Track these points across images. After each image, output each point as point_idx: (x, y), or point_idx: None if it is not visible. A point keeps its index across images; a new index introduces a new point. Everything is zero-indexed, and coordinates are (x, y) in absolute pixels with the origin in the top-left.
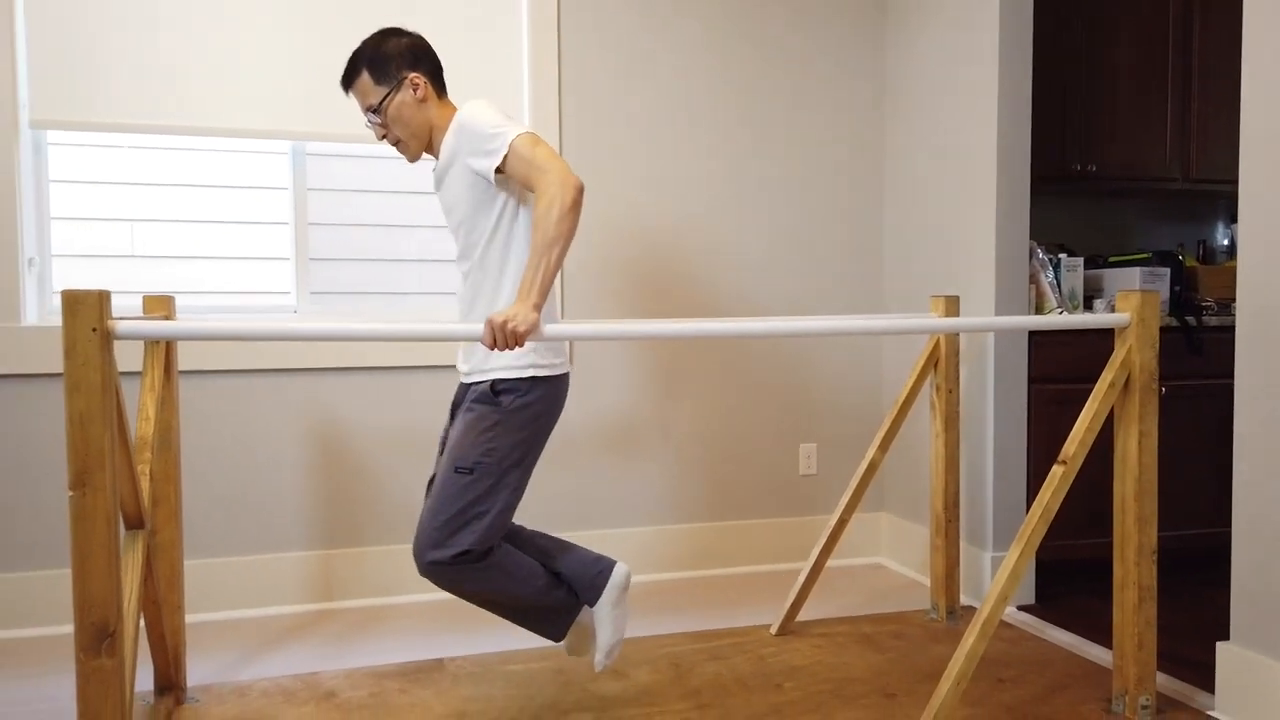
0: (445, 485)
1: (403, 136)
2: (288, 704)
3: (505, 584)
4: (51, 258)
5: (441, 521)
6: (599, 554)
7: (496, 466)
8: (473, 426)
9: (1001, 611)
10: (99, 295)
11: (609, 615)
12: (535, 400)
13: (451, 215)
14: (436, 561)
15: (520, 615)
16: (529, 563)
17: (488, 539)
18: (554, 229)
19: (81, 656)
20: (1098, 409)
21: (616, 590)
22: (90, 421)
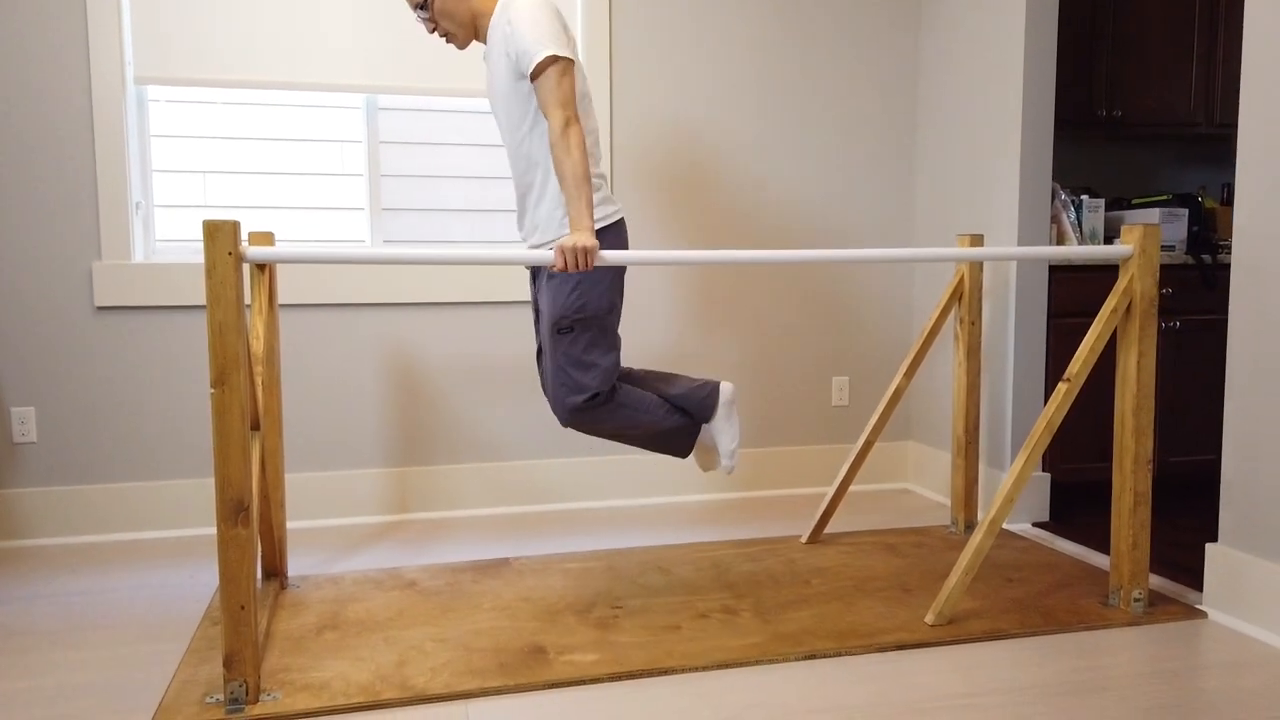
0: (555, 347)
1: (450, 29)
2: (376, 590)
3: (634, 416)
4: (154, 206)
5: (565, 377)
6: (704, 378)
7: (592, 319)
8: (559, 291)
9: (1008, 512)
10: (233, 224)
11: (725, 426)
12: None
13: (495, 101)
14: (573, 408)
15: (651, 441)
16: (649, 396)
17: (607, 379)
18: (579, 168)
19: (222, 527)
20: (1101, 332)
21: (726, 405)
22: (227, 330)
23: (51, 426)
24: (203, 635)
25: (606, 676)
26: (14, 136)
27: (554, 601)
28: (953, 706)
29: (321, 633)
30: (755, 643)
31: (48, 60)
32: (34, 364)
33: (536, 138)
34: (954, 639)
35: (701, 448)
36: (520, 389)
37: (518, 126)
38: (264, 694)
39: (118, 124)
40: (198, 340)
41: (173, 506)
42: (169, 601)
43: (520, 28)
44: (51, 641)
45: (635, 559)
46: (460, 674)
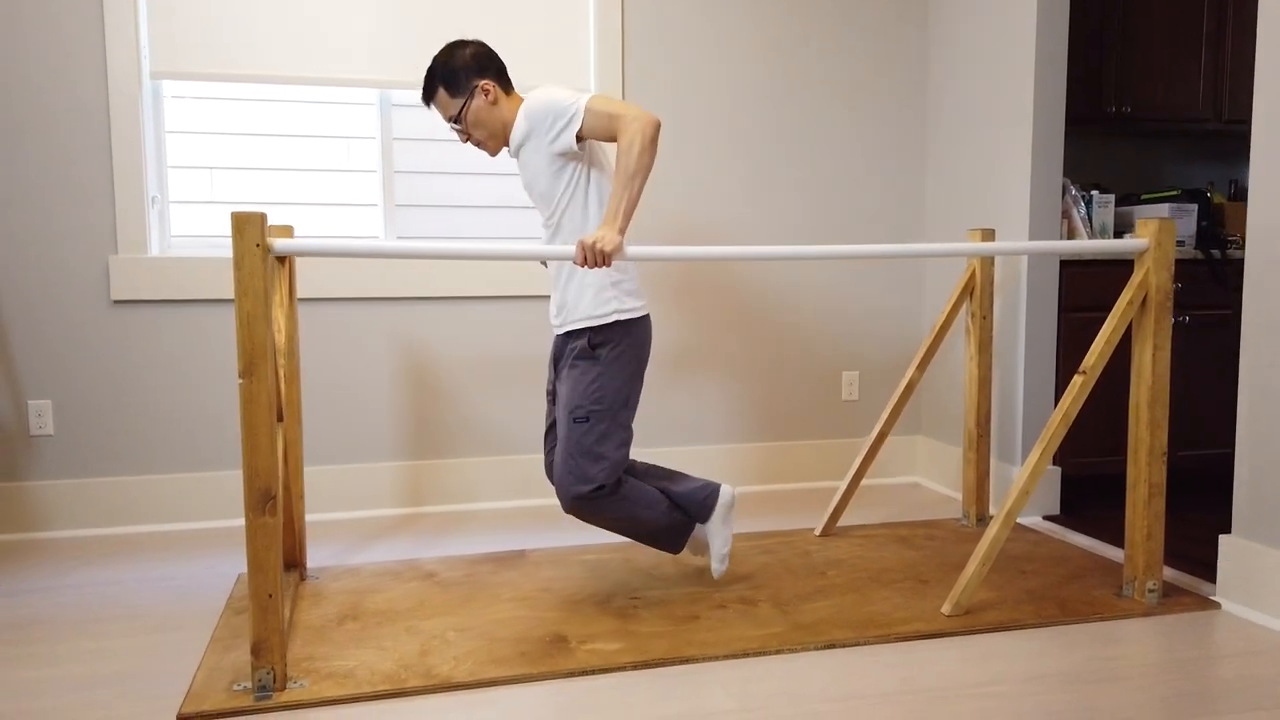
0: (568, 434)
1: (481, 138)
2: (395, 581)
3: (635, 510)
4: (169, 202)
5: (573, 465)
6: (705, 480)
7: (608, 411)
8: (579, 380)
9: (1024, 504)
10: (261, 217)
11: (719, 529)
12: (627, 346)
13: (533, 190)
14: (579, 496)
15: (647, 536)
16: (652, 491)
17: (615, 471)
18: (635, 163)
19: (250, 516)
20: (1116, 325)
21: (724, 509)
22: (255, 321)
23: (68, 419)
24: (225, 624)
25: (630, 665)
26: (31, 131)
27: (573, 592)
28: (974, 694)
29: (343, 623)
30: (775, 632)
31: (65, 55)
32: (51, 357)
33: (570, 216)
34: (971, 629)
35: (694, 542)
36: (533, 383)
37: (554, 206)
38: (291, 682)
39: (134, 118)
40: (213, 334)
41: (188, 499)
42: (189, 592)
43: (543, 111)
44: (76, 630)
45: (650, 551)
46: (484, 663)
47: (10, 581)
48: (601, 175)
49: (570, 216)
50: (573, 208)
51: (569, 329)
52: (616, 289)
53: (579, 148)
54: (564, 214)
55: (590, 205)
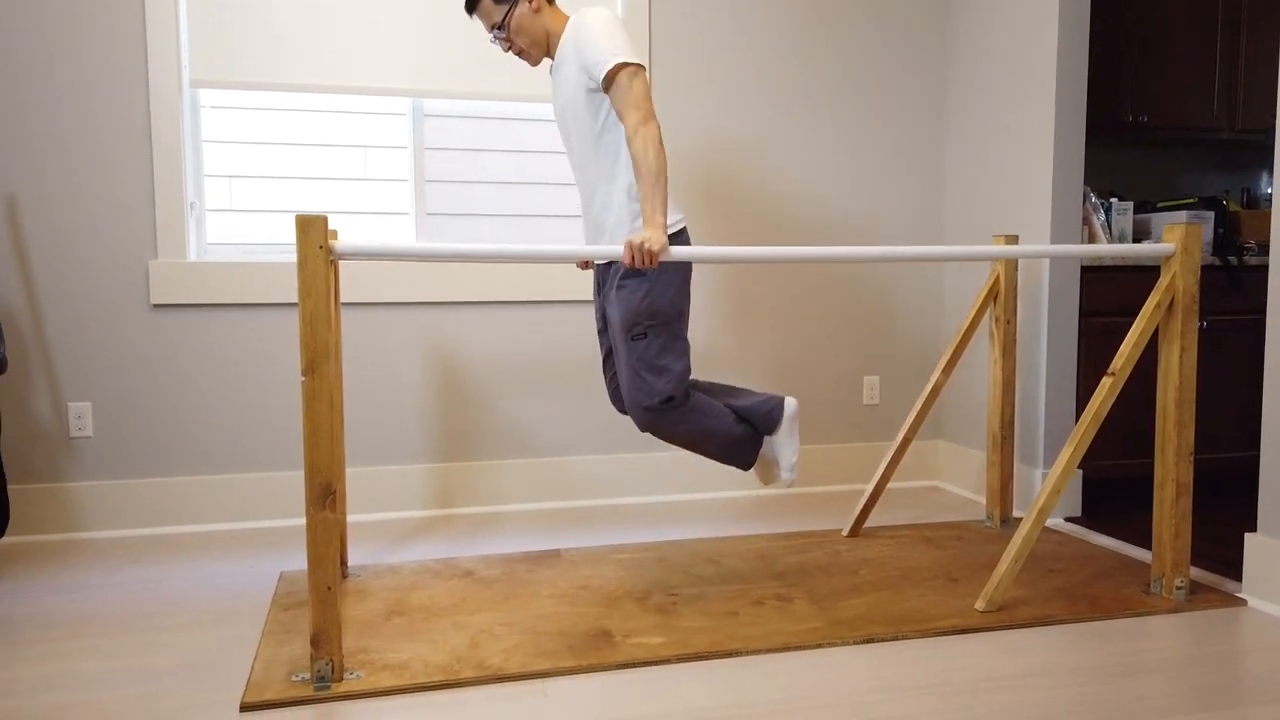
0: (629, 353)
1: (524, 46)
2: (435, 579)
3: (705, 422)
4: (205, 208)
5: (639, 381)
6: (768, 393)
7: (663, 324)
8: (629, 299)
9: (1055, 503)
10: (323, 219)
11: (786, 440)
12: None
13: (564, 115)
14: (649, 409)
15: (718, 449)
16: (718, 404)
17: (681, 382)
18: (655, 165)
19: (310, 510)
20: (1144, 327)
21: (789, 419)
22: (318, 321)
23: (107, 421)
24: (275, 620)
25: (675, 658)
26: (74, 137)
27: (611, 589)
28: (1013, 686)
29: (390, 618)
30: (814, 627)
31: (107, 64)
32: (91, 360)
33: (603, 148)
34: (1005, 624)
35: (763, 460)
36: (563, 386)
37: (585, 138)
38: (346, 673)
39: (174, 126)
40: (250, 337)
41: (225, 500)
42: (234, 589)
43: (591, 40)
44: (128, 626)
45: (685, 550)
46: (533, 655)
47: (57, 579)
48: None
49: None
50: (603, 144)
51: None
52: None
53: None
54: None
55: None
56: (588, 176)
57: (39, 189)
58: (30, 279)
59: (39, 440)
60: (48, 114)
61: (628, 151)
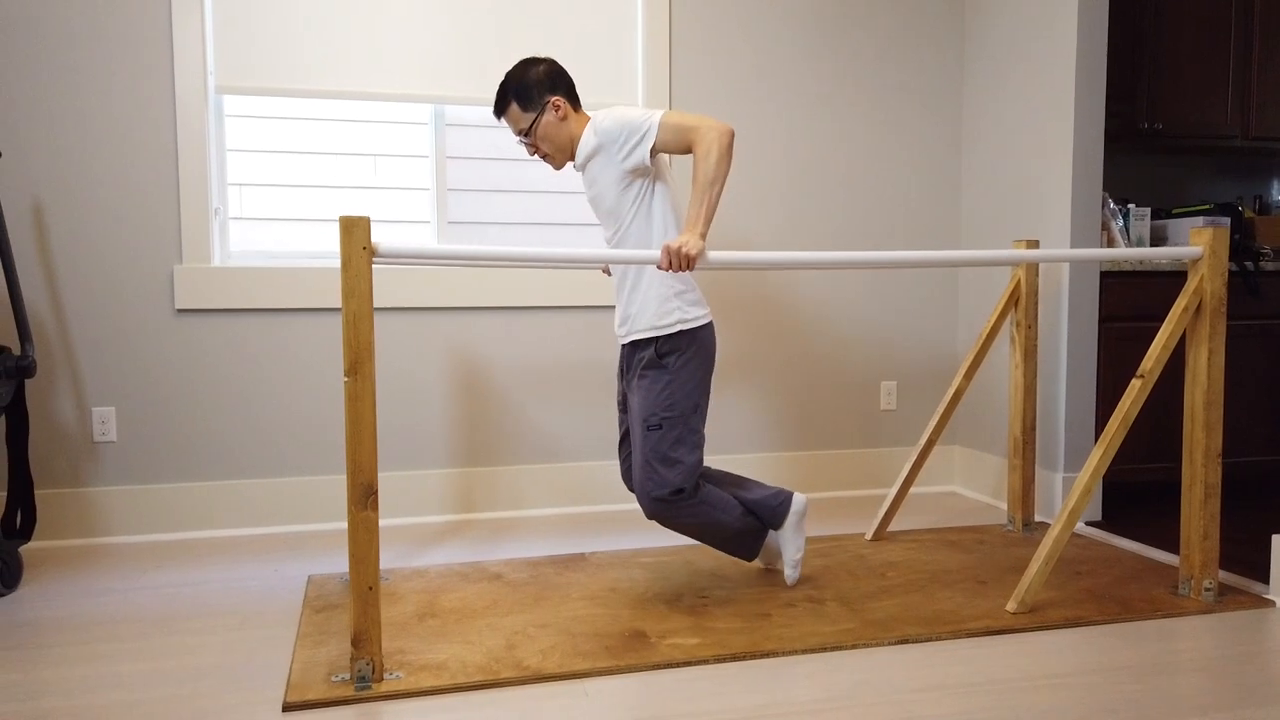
0: (644, 443)
1: (549, 151)
2: (464, 582)
3: (712, 515)
4: (228, 213)
5: (651, 471)
6: (778, 487)
7: (679, 417)
8: (649, 390)
9: (1085, 504)
10: (366, 220)
11: (791, 537)
12: (693, 354)
13: (599, 206)
14: (658, 499)
15: (724, 540)
16: (727, 496)
17: (691, 475)
18: (713, 170)
19: (352, 509)
20: (1173, 330)
21: (796, 516)
22: (361, 321)
23: (130, 426)
24: (309, 622)
25: (712, 658)
26: (99, 142)
27: (640, 592)
28: (1050, 685)
29: (423, 619)
30: (847, 628)
31: (133, 68)
32: (115, 365)
33: (635, 229)
34: (1038, 625)
35: (767, 550)
36: (583, 392)
37: (619, 220)
38: (387, 673)
39: (200, 131)
40: (274, 342)
41: (249, 505)
42: (262, 593)
43: (617, 129)
44: (162, 628)
45: (709, 554)
46: (570, 655)
47: (83, 583)
48: (666, 190)
49: (636, 229)
50: (638, 221)
51: (634, 339)
52: (680, 299)
53: (650, 163)
54: (629, 227)
55: (654, 219)
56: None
57: (64, 193)
58: (55, 283)
59: (62, 445)
60: (73, 118)
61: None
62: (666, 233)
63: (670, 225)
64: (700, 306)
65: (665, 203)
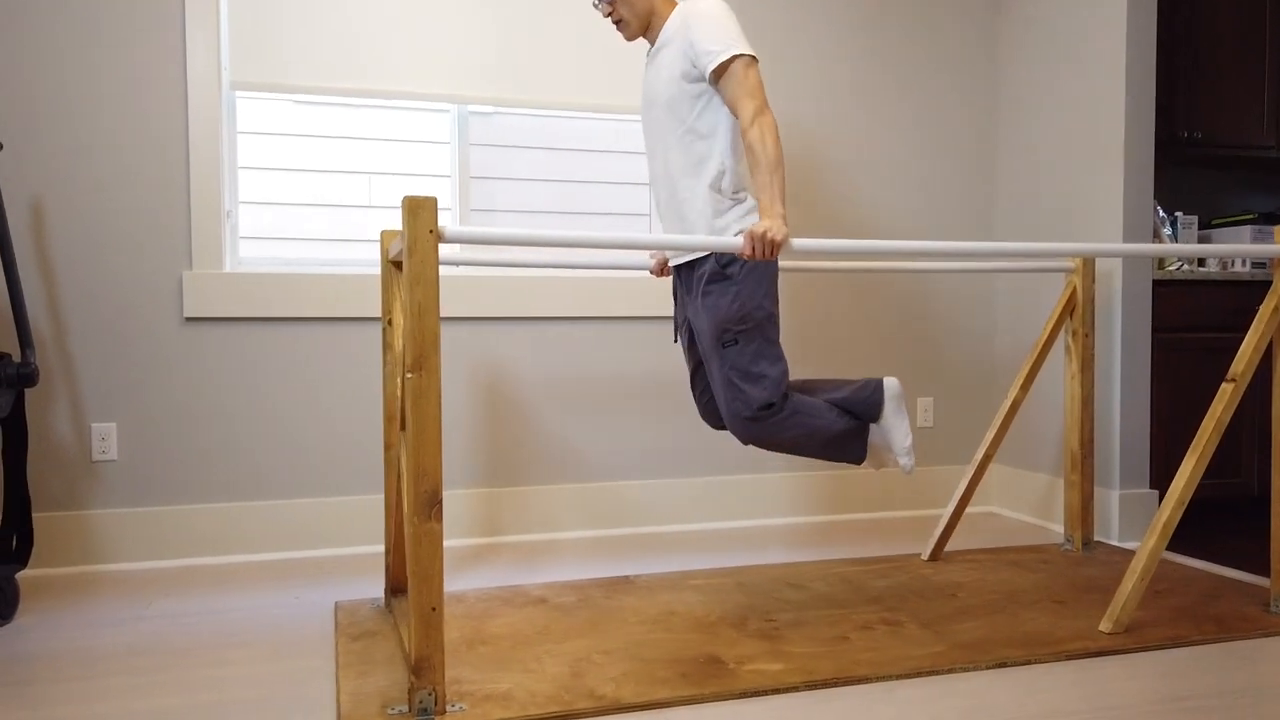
0: (721, 362)
1: (626, 15)
2: (506, 607)
3: (808, 423)
4: (239, 211)
5: (735, 391)
6: (862, 379)
7: (755, 327)
8: (717, 304)
9: (1179, 516)
10: (433, 200)
11: (895, 423)
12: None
13: (654, 101)
14: (750, 419)
15: (825, 449)
16: (817, 401)
17: (779, 387)
18: (773, 154)
19: (415, 520)
20: (1263, 331)
21: (893, 400)
22: (427, 312)
23: (133, 444)
24: (347, 650)
25: (803, 685)
26: (104, 139)
27: (702, 615)
28: (1168, 710)
29: (474, 646)
30: (938, 651)
31: (142, 60)
32: (117, 378)
33: (691, 141)
34: (1139, 646)
35: (874, 449)
36: (611, 409)
37: (674, 127)
38: (449, 705)
39: (213, 129)
40: (290, 354)
41: (261, 530)
42: (287, 621)
43: (705, 28)
44: (183, 660)
45: (763, 575)
46: (646, 683)
47: (87, 613)
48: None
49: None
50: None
51: (691, 258)
52: (736, 208)
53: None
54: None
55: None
56: (669, 169)
57: (65, 193)
58: (52, 288)
59: (58, 464)
60: (76, 113)
61: (716, 147)
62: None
63: (729, 154)
64: (754, 212)
65: (730, 128)
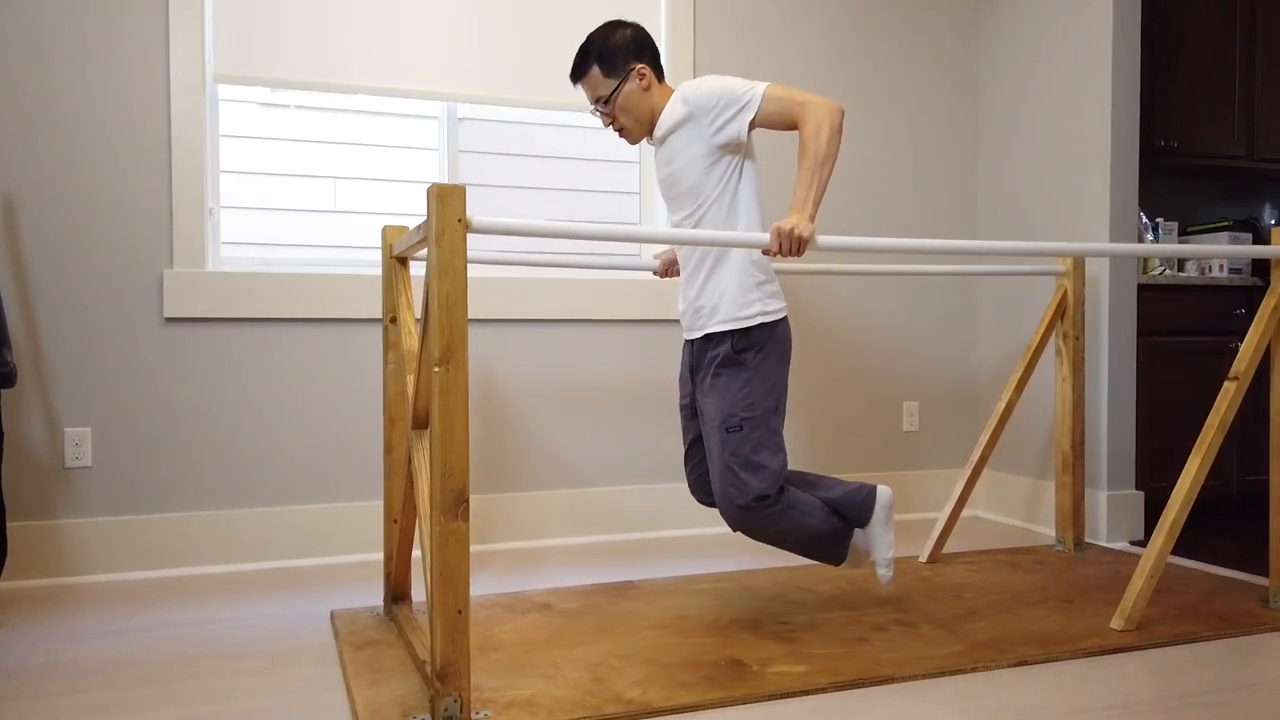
0: (723, 447)
1: (628, 124)
2: (510, 613)
3: (798, 519)
4: (221, 209)
5: (733, 478)
6: (858, 482)
7: (761, 417)
8: (726, 389)
9: (1186, 514)
10: (461, 189)
11: (880, 533)
12: (772, 349)
13: (676, 185)
14: (743, 508)
15: (809, 546)
16: (810, 498)
17: (776, 480)
18: (824, 149)
19: (440, 519)
20: (1263, 331)
21: (884, 510)
22: (455, 304)
23: (109, 450)
24: (352, 659)
25: (830, 685)
26: (82, 132)
27: (714, 619)
28: (1199, 704)
29: (485, 653)
30: (958, 651)
31: (125, 54)
32: (92, 380)
33: (714, 213)
34: (1152, 643)
35: (854, 552)
36: (602, 414)
37: (699, 201)
38: (474, 712)
39: (196, 122)
40: (275, 356)
41: (244, 538)
42: (280, 631)
43: (714, 97)
44: (178, 673)
45: (767, 579)
46: (671, 687)
47: (64, 625)
48: (754, 171)
49: (715, 213)
50: (719, 204)
51: (708, 332)
52: (761, 290)
53: (746, 138)
54: (709, 210)
55: (739, 203)
56: (698, 250)
57: (41, 188)
58: (26, 287)
59: (29, 471)
60: (53, 104)
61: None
62: (750, 219)
63: (754, 211)
64: (780, 299)
65: (751, 186)
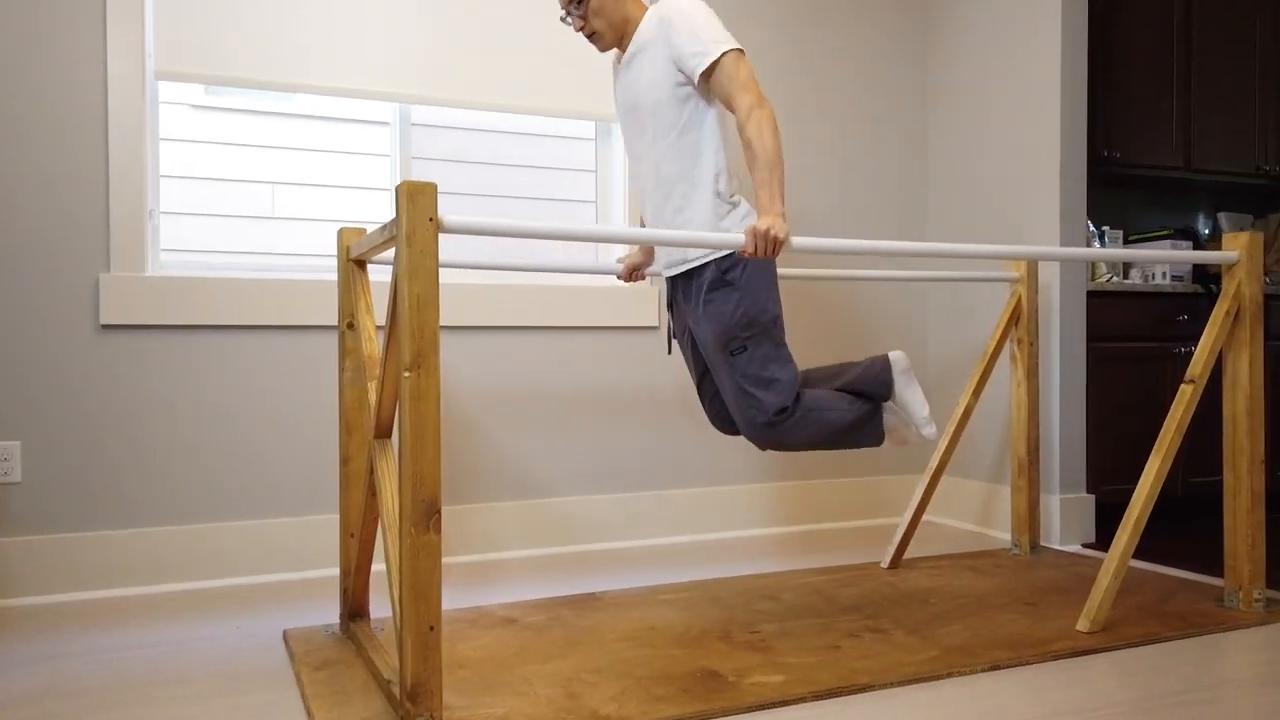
0: (731, 370)
1: (599, 29)
2: (473, 629)
3: (824, 418)
4: (160, 213)
5: (749, 399)
6: (868, 358)
7: (762, 332)
8: (720, 312)
9: (1149, 512)
10: (432, 187)
11: (909, 396)
12: (756, 262)
13: (637, 109)
14: (766, 425)
15: (844, 438)
16: (827, 393)
17: (792, 390)
18: (771, 149)
19: (412, 532)
20: (1216, 334)
21: (903, 374)
22: (426, 306)
23: (39, 464)
24: (312, 681)
25: (809, 695)
26: (13, 126)
27: (683, 630)
28: (1179, 702)
29: (451, 670)
30: (933, 656)
31: (60, 48)
32: (20, 391)
33: (683, 147)
34: (1121, 643)
35: (891, 428)
36: (558, 423)
37: (663, 135)
38: None
39: (136, 120)
40: (218, 365)
41: (179, 557)
42: (229, 654)
43: (687, 29)
44: (122, 700)
45: (731, 588)
46: (647, 701)
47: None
48: (719, 116)
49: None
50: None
51: (689, 267)
52: (732, 218)
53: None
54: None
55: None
56: (662, 174)
57: None
58: None
59: None
60: None
61: (708, 149)
62: (717, 157)
63: (721, 152)
64: (753, 216)
65: (718, 126)
